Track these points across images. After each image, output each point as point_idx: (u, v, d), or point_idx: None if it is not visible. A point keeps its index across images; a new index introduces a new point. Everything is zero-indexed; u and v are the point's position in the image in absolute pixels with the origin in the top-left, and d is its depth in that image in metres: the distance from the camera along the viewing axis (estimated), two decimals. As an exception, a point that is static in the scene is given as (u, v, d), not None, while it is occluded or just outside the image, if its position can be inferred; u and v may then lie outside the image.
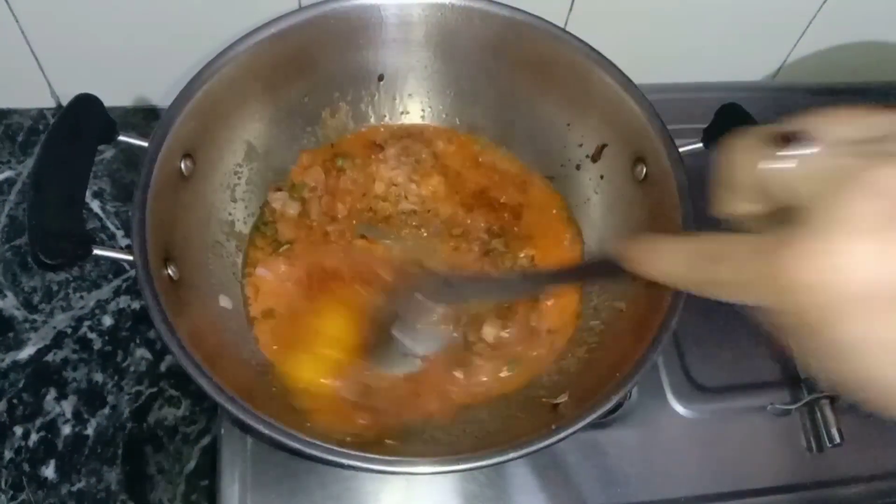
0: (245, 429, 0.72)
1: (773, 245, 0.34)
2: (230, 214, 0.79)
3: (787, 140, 0.37)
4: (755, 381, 0.82)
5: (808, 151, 0.36)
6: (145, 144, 0.67)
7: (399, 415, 0.71)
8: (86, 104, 0.66)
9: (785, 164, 0.37)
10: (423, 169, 0.85)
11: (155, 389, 0.79)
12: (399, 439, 0.68)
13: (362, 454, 0.58)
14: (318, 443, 0.58)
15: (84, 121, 0.65)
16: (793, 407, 0.79)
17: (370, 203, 0.83)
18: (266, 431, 0.58)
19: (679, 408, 0.79)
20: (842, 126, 0.37)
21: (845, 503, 0.78)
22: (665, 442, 0.78)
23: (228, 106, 0.75)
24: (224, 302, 0.74)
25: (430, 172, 0.85)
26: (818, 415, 0.78)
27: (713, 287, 0.38)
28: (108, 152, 0.91)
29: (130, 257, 0.62)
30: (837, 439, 0.77)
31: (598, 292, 0.78)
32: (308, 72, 0.80)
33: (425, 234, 0.82)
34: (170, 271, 0.66)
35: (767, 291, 0.35)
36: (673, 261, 0.41)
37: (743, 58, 1.01)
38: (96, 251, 0.61)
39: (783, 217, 0.36)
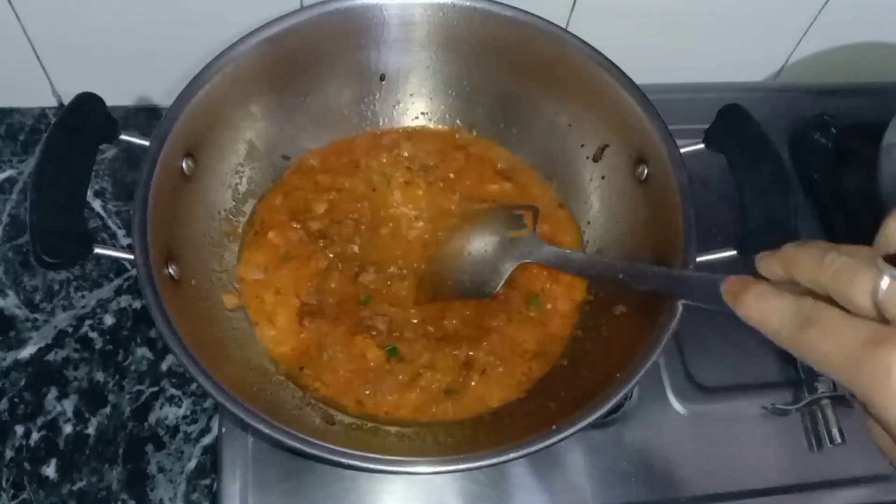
0: (245, 428, 0.72)
1: (880, 334, 0.37)
2: (232, 214, 0.79)
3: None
4: (756, 381, 0.82)
5: None
6: (147, 143, 0.67)
7: None
8: (87, 103, 0.67)
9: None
10: (423, 169, 0.85)
11: (156, 389, 0.79)
12: None
13: (363, 454, 0.58)
14: (318, 442, 0.58)
15: (85, 120, 0.66)
16: (794, 407, 0.79)
17: (370, 204, 0.83)
18: (266, 431, 0.58)
19: (680, 408, 0.79)
20: None
21: (847, 503, 0.78)
22: (666, 442, 0.78)
23: (230, 105, 0.75)
24: (226, 301, 0.75)
25: (430, 173, 0.85)
26: (819, 415, 0.78)
27: (803, 349, 0.41)
28: (109, 151, 0.92)
29: (131, 256, 0.62)
30: (838, 439, 0.77)
31: (599, 292, 0.79)
32: (310, 71, 0.80)
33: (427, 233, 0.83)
34: (171, 270, 0.67)
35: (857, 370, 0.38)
36: (773, 312, 0.43)
37: (745, 58, 1.01)
38: (97, 250, 0.62)
39: None
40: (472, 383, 0.74)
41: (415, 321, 0.77)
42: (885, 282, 0.38)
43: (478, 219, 0.82)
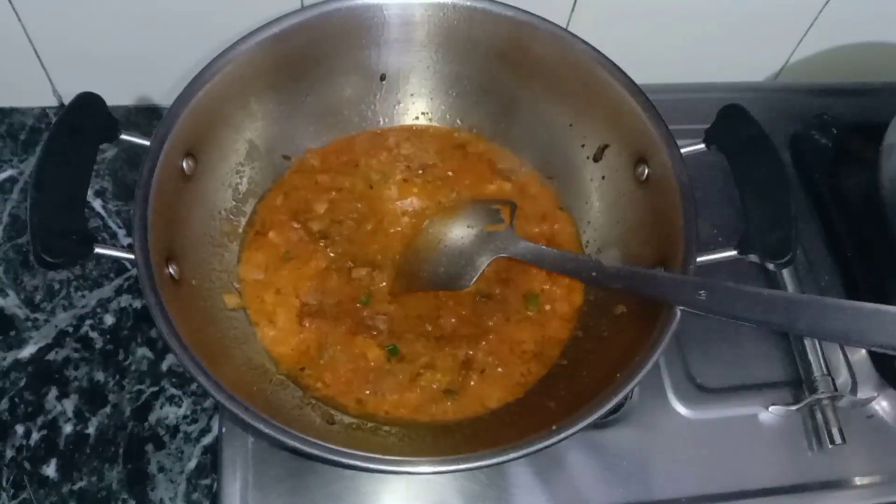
0: (246, 428, 0.72)
1: None
2: (232, 214, 0.79)
3: None
4: (756, 381, 0.82)
5: None
6: (147, 143, 0.67)
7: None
8: (88, 103, 0.67)
9: None
10: (422, 169, 0.85)
11: (156, 388, 0.79)
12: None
13: (363, 454, 0.58)
14: (318, 442, 0.58)
15: (86, 120, 0.66)
16: (794, 407, 0.78)
17: (370, 204, 0.83)
18: (266, 430, 0.58)
19: (680, 408, 0.79)
20: None
21: (847, 503, 0.77)
22: (666, 442, 0.78)
23: (230, 105, 0.75)
24: (226, 301, 0.75)
25: (429, 172, 0.85)
26: (819, 415, 0.78)
27: None
28: (109, 151, 0.91)
29: (132, 256, 0.62)
30: (839, 439, 0.76)
31: (599, 292, 0.79)
32: (310, 71, 0.80)
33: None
34: (171, 270, 0.66)
35: None
36: None
37: (745, 58, 1.01)
38: (97, 250, 0.62)
39: None
40: (472, 383, 0.74)
41: (414, 320, 0.77)
42: None
43: (455, 211, 0.82)
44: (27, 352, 0.79)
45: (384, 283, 0.78)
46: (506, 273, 0.79)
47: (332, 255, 0.79)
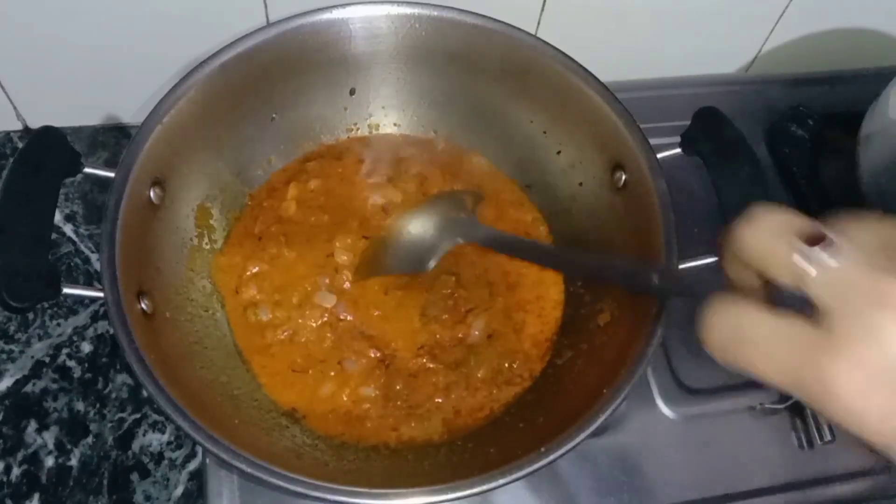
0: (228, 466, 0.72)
1: (812, 346, 0.38)
2: (206, 242, 0.77)
3: (813, 241, 0.38)
4: (743, 380, 0.79)
5: (832, 263, 0.37)
6: (112, 175, 0.66)
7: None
8: (48, 138, 0.65)
9: (807, 268, 0.38)
10: (397, 181, 0.84)
11: (138, 415, 0.78)
12: None
13: (350, 489, 0.57)
14: (303, 479, 0.57)
15: (47, 155, 0.64)
16: (782, 406, 0.78)
17: (346, 219, 0.81)
18: (248, 470, 0.57)
19: (668, 412, 0.79)
20: (865, 233, 0.38)
21: (840, 500, 0.78)
22: (656, 447, 0.77)
23: (196, 129, 0.73)
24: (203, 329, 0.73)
25: (404, 182, 0.84)
26: (808, 412, 0.78)
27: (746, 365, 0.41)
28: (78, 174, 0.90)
29: (101, 294, 0.61)
30: (828, 436, 0.76)
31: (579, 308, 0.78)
32: (277, 89, 0.78)
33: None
34: (143, 305, 0.65)
35: (798, 384, 0.39)
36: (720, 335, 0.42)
37: (716, 50, 1.00)
38: (66, 290, 0.60)
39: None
40: (455, 405, 0.73)
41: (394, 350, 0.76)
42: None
43: (421, 202, 0.82)
44: (3, 385, 0.78)
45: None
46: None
47: (307, 286, 0.78)
